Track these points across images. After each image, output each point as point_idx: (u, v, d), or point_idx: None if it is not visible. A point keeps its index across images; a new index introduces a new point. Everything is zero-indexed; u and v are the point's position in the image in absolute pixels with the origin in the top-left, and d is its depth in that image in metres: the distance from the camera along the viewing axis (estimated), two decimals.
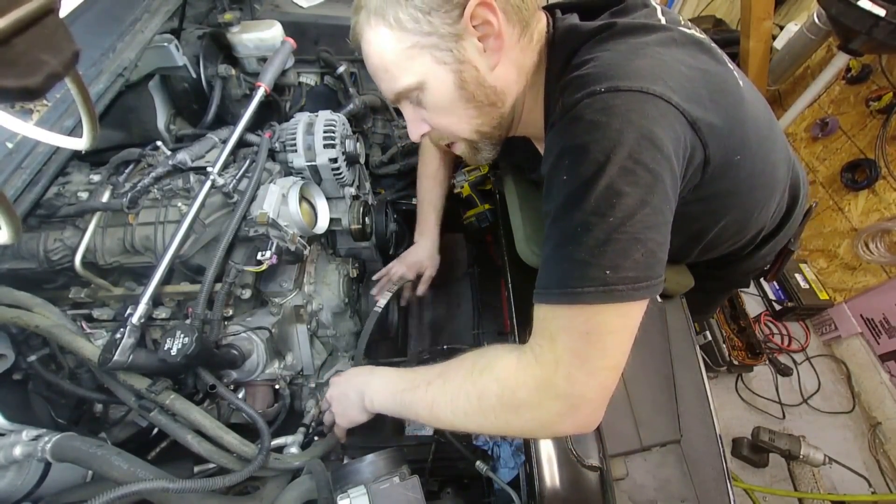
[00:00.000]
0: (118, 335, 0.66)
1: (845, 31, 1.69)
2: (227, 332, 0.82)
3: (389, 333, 1.22)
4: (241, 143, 0.91)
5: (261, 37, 1.07)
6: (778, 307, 2.29)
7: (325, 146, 0.94)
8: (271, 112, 1.15)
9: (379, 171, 1.32)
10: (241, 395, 0.88)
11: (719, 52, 0.67)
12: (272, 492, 0.76)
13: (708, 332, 1.99)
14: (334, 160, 0.95)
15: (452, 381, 0.66)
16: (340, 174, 0.98)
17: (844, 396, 2.15)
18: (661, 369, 0.88)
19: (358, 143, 1.03)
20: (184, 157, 0.85)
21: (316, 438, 0.91)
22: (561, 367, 0.55)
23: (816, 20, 1.93)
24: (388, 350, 1.33)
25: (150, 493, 0.60)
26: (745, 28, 1.97)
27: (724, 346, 1.95)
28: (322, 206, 0.99)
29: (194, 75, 1.02)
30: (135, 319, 0.68)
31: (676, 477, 0.81)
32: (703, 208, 0.70)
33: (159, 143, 0.90)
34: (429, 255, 1.20)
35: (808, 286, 2.24)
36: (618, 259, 0.51)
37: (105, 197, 0.83)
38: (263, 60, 1.09)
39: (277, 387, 0.89)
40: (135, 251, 0.82)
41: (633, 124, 0.51)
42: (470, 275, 1.53)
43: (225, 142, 0.87)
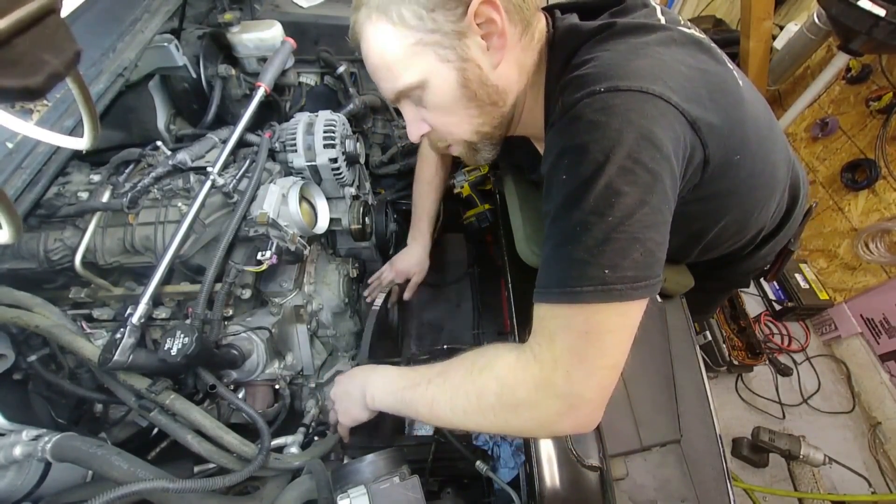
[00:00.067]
0: (118, 335, 0.66)
1: (845, 31, 1.69)
2: (227, 332, 0.82)
3: (389, 333, 1.22)
4: (241, 143, 0.91)
5: (261, 37, 1.07)
6: (778, 307, 2.29)
7: (325, 146, 0.94)
8: (271, 112, 1.15)
9: (379, 171, 1.32)
10: (241, 395, 0.88)
11: (719, 51, 0.67)
12: (272, 492, 0.76)
13: (708, 332, 1.99)
14: (334, 160, 0.95)
15: (452, 379, 0.66)
16: (340, 174, 0.98)
17: (844, 396, 2.15)
18: (661, 369, 0.88)
19: (358, 143, 1.03)
20: (184, 157, 0.85)
21: (316, 438, 0.91)
22: (560, 366, 0.55)
23: (816, 20, 1.93)
24: (387, 350, 1.33)
25: (150, 493, 0.60)
26: (745, 28, 1.97)
27: (724, 346, 1.95)
28: (322, 206, 0.99)
29: (194, 75, 1.02)
30: (135, 319, 0.68)
31: (676, 477, 0.81)
32: (702, 208, 0.70)
33: (159, 143, 0.90)
34: (417, 260, 1.22)
35: (808, 286, 2.24)
36: (616, 258, 0.51)
37: (105, 197, 0.83)
38: (263, 60, 1.09)
39: (277, 387, 0.89)
40: (135, 251, 0.82)
41: (633, 124, 0.51)
42: (470, 275, 1.53)
43: (225, 142, 0.87)
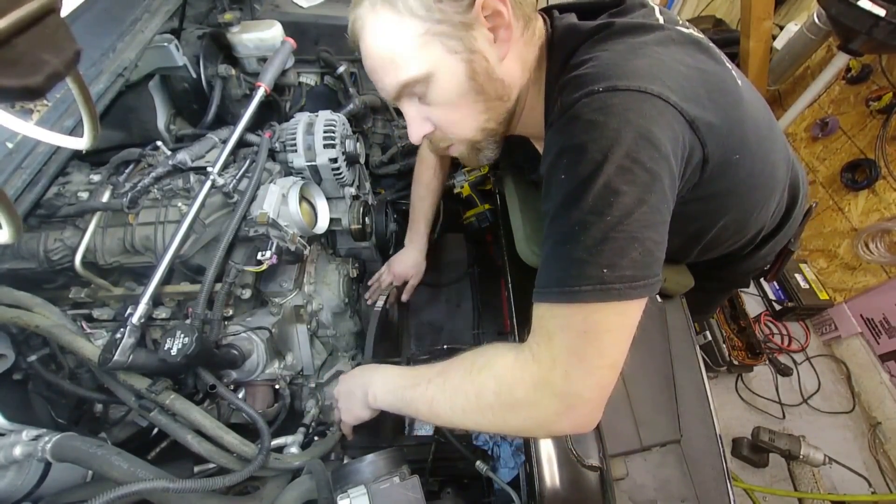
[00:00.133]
0: (118, 335, 0.66)
1: (845, 31, 1.69)
2: (227, 332, 0.82)
3: (389, 334, 1.22)
4: (241, 143, 0.91)
5: (261, 37, 1.07)
6: (778, 307, 2.29)
7: (325, 146, 0.94)
8: (271, 112, 1.15)
9: (379, 171, 1.32)
10: (241, 395, 0.88)
11: (717, 51, 0.67)
12: (272, 492, 0.76)
13: (708, 332, 1.99)
14: (334, 160, 0.95)
15: (452, 378, 0.66)
16: (340, 174, 0.98)
17: (844, 396, 2.15)
18: (661, 369, 0.88)
19: (358, 143, 1.03)
20: (184, 157, 0.85)
21: (316, 438, 0.91)
22: (558, 365, 0.55)
23: (816, 20, 1.93)
24: (387, 350, 1.33)
25: (150, 493, 0.60)
26: (745, 28, 1.97)
27: (724, 346, 1.95)
28: (322, 206, 0.99)
29: (194, 75, 1.02)
30: (135, 319, 0.68)
31: (676, 477, 0.81)
32: (702, 208, 0.70)
33: (159, 143, 0.90)
34: (414, 263, 1.23)
35: (808, 286, 2.24)
36: (615, 258, 0.51)
37: (105, 197, 0.83)
38: (263, 60, 1.09)
39: (277, 387, 0.89)
40: (135, 251, 0.82)
41: (631, 123, 0.51)
42: (470, 275, 1.53)
43: (225, 142, 0.87)
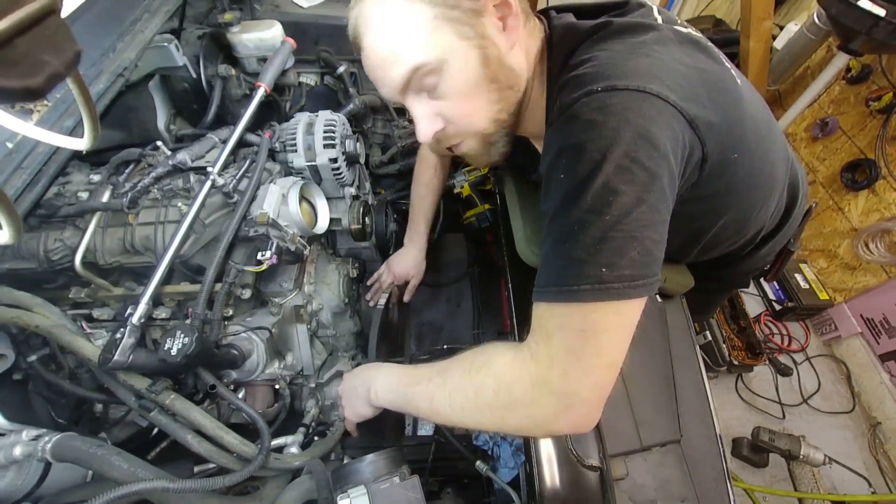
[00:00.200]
0: (118, 335, 0.66)
1: (845, 31, 1.69)
2: (227, 332, 0.82)
3: (389, 333, 1.22)
4: (241, 143, 0.91)
5: (261, 37, 1.07)
6: (778, 307, 2.29)
7: (325, 146, 0.94)
8: (271, 112, 1.15)
9: (379, 171, 1.32)
10: (241, 395, 0.88)
11: (716, 51, 0.68)
12: (272, 492, 0.76)
13: (708, 332, 1.99)
14: (334, 160, 0.95)
15: (452, 376, 0.66)
16: (340, 174, 0.98)
17: (844, 396, 2.15)
18: (661, 369, 0.88)
19: (358, 143, 1.03)
20: (184, 157, 0.85)
21: (316, 438, 0.91)
22: (556, 364, 0.55)
23: (816, 20, 1.93)
24: (388, 350, 1.33)
25: (150, 493, 0.60)
26: (745, 28, 1.97)
27: (724, 346, 1.95)
28: (322, 206, 0.99)
29: (194, 75, 1.02)
30: (135, 319, 0.68)
31: (676, 477, 0.81)
32: (701, 207, 0.70)
33: (159, 143, 0.90)
34: (415, 263, 1.22)
35: (808, 286, 2.24)
36: (614, 257, 0.51)
37: (105, 197, 0.83)
38: (263, 60, 1.09)
39: (277, 387, 0.89)
40: (135, 251, 0.82)
41: (630, 123, 0.51)
42: (470, 275, 1.53)
43: (225, 142, 0.87)
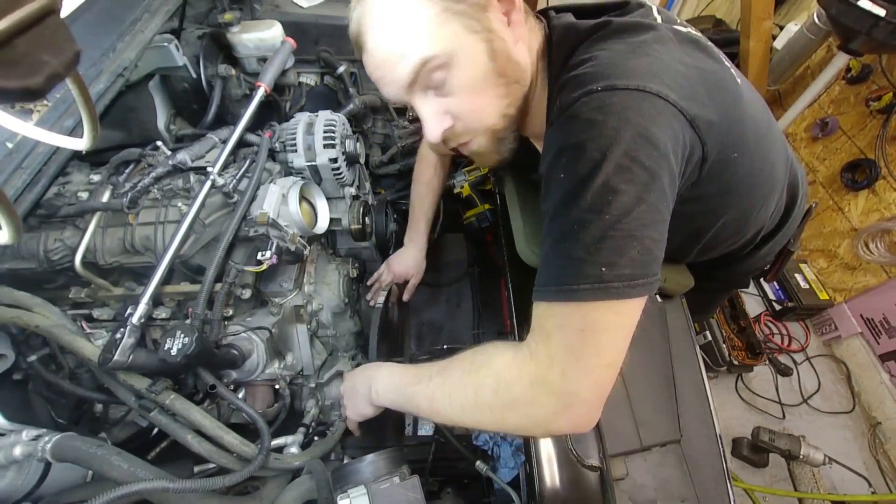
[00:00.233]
0: (118, 335, 0.66)
1: (845, 31, 1.69)
2: (227, 332, 0.82)
3: (389, 333, 1.22)
4: (241, 143, 0.91)
5: (261, 37, 1.07)
6: (778, 307, 2.29)
7: (325, 146, 0.94)
8: (271, 112, 1.15)
9: (379, 171, 1.32)
10: (241, 395, 0.88)
11: (716, 50, 0.68)
12: (272, 492, 0.76)
13: (708, 332, 1.99)
14: (334, 160, 0.95)
15: (452, 376, 0.66)
16: (340, 174, 0.98)
17: (844, 396, 2.15)
18: (661, 369, 0.88)
19: (358, 143, 1.03)
20: (184, 157, 0.85)
21: (316, 438, 0.91)
22: (555, 363, 0.55)
23: (816, 20, 1.93)
24: (388, 350, 1.33)
25: (150, 493, 0.60)
26: (745, 28, 1.97)
27: (724, 346, 1.95)
28: (322, 206, 0.99)
29: (194, 75, 1.02)
30: (135, 319, 0.68)
31: (676, 477, 0.81)
32: (701, 207, 0.70)
33: (159, 143, 0.90)
34: (415, 262, 1.22)
35: (808, 286, 2.24)
36: (613, 256, 0.51)
37: (105, 197, 0.82)
38: (263, 60, 1.09)
39: (277, 387, 0.89)
40: (135, 251, 0.82)
41: (630, 122, 0.51)
42: (470, 275, 1.53)
43: (225, 142, 0.87)
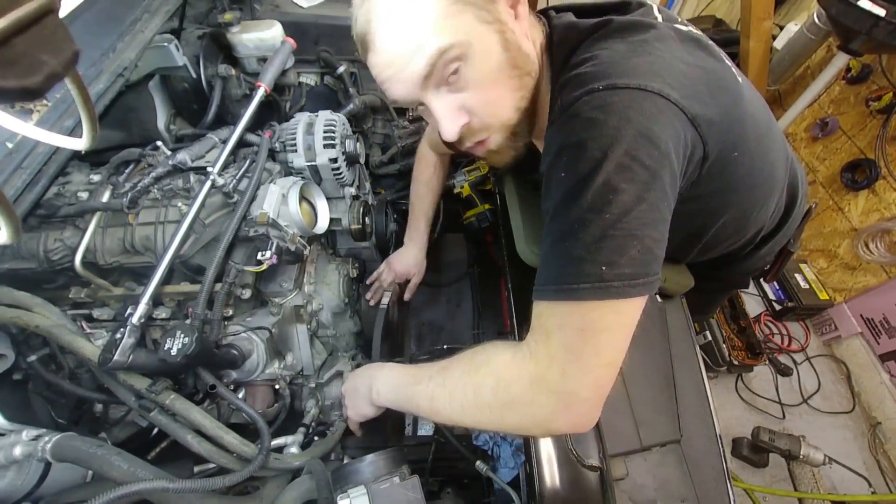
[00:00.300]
0: (118, 335, 0.66)
1: (845, 31, 1.69)
2: (227, 332, 0.82)
3: (389, 333, 1.22)
4: (241, 143, 0.91)
5: (261, 37, 1.07)
6: (778, 307, 2.29)
7: (325, 146, 0.94)
8: (271, 112, 1.15)
9: (379, 171, 1.32)
10: (241, 395, 0.88)
11: (717, 49, 0.67)
12: (272, 492, 0.76)
13: (708, 332, 1.99)
14: (334, 160, 0.95)
15: (452, 375, 0.66)
16: (340, 174, 0.98)
17: (844, 396, 2.15)
18: (661, 369, 0.88)
19: (358, 143, 1.03)
20: (184, 157, 0.85)
21: (316, 438, 0.91)
22: (555, 363, 0.55)
23: (816, 20, 1.93)
24: (388, 350, 1.33)
25: (150, 493, 0.60)
26: (745, 28, 1.97)
27: (724, 346, 1.95)
28: (322, 206, 0.98)
29: (194, 75, 1.02)
30: (135, 319, 0.68)
31: (676, 477, 0.81)
32: (701, 206, 0.70)
33: (159, 143, 0.90)
34: (416, 261, 1.22)
35: (808, 286, 2.24)
36: (614, 255, 0.51)
37: (105, 197, 0.82)
38: (263, 60, 1.09)
39: (277, 387, 0.89)
40: (135, 251, 0.82)
41: (631, 121, 0.51)
42: (470, 275, 1.53)
43: (225, 142, 0.87)
